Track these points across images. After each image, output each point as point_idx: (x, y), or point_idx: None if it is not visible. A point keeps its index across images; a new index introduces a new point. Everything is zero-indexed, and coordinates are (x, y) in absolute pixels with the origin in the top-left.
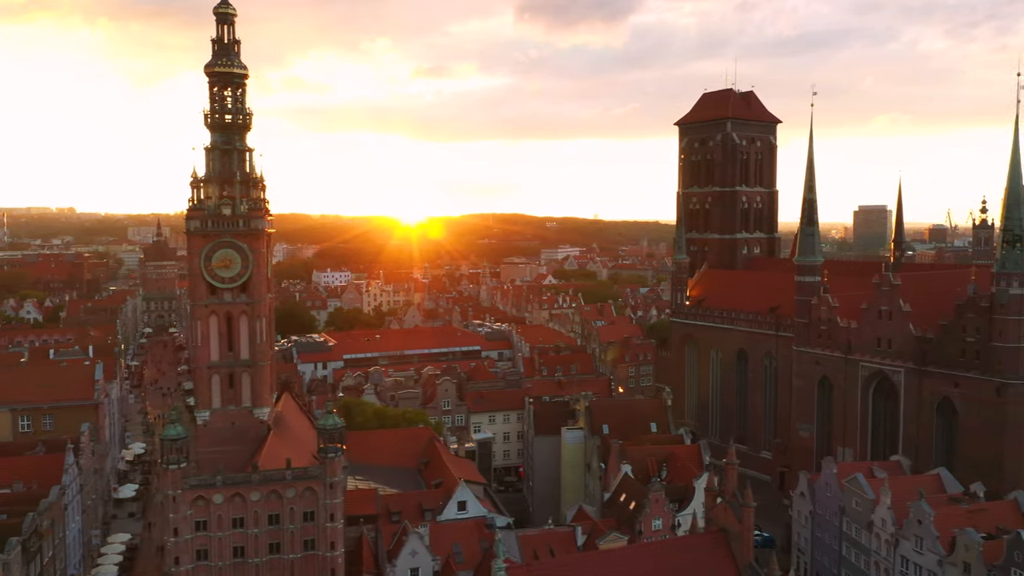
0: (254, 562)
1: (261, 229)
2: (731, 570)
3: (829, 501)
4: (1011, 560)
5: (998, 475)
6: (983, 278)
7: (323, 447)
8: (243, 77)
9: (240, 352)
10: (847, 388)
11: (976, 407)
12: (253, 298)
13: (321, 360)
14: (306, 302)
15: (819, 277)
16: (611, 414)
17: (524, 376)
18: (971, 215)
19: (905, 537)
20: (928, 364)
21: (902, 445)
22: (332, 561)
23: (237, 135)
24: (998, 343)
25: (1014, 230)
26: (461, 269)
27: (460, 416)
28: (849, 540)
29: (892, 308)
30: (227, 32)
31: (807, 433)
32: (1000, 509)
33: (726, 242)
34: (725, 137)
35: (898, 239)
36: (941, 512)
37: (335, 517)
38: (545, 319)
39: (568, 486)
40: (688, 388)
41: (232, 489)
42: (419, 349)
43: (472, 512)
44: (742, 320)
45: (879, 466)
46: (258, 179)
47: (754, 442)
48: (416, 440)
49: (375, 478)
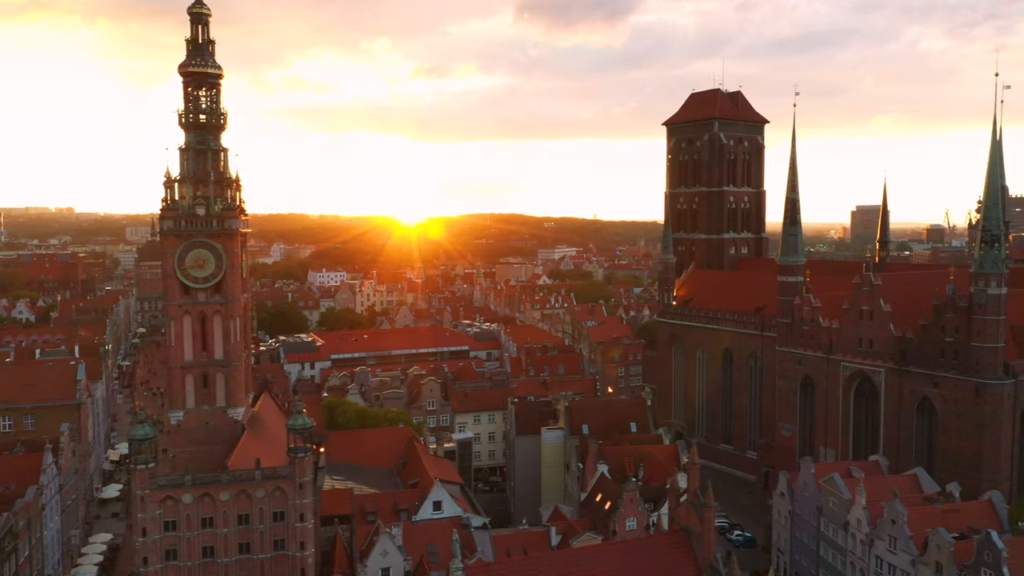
0: (224, 562)
1: (235, 229)
2: (692, 569)
3: (807, 501)
4: (981, 560)
5: (976, 474)
6: (962, 278)
7: (292, 447)
8: (217, 77)
9: (214, 352)
10: (829, 388)
11: (955, 407)
12: (227, 298)
13: (309, 360)
14: (298, 302)
15: (802, 277)
16: (591, 414)
17: (511, 376)
18: (969, 215)
19: (879, 537)
20: (908, 364)
21: (883, 445)
22: (302, 561)
23: (211, 135)
24: (976, 343)
25: (992, 230)
26: (456, 269)
27: (445, 416)
28: (826, 540)
29: (873, 308)
30: (201, 32)
31: (789, 433)
32: (974, 509)
33: (713, 242)
34: (712, 137)
35: (883, 239)
36: (915, 512)
37: (305, 517)
38: (537, 319)
39: (548, 486)
40: (675, 388)
41: (201, 489)
42: (407, 349)
43: (448, 512)
44: (728, 320)
45: (857, 466)
46: (232, 179)
47: (740, 442)
48: (396, 440)
49: (354, 478)
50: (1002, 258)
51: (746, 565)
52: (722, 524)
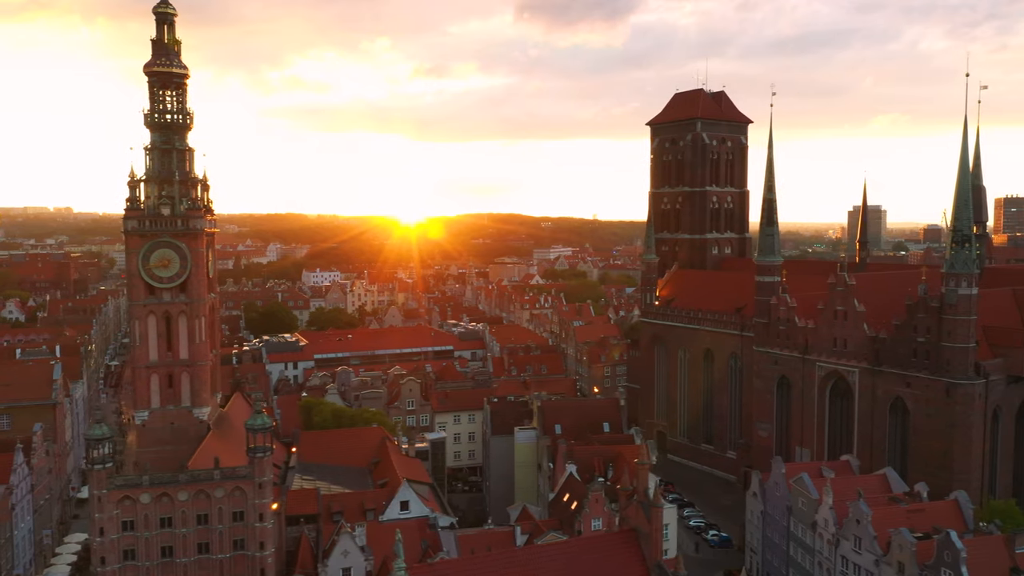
0: (182, 562)
1: (200, 229)
2: (640, 569)
3: (778, 501)
4: (941, 560)
5: (948, 474)
6: (934, 278)
7: (252, 447)
8: (183, 77)
9: (179, 352)
10: (804, 388)
11: (927, 407)
12: (192, 298)
13: (292, 360)
14: (288, 302)
15: (779, 277)
16: (564, 414)
17: (493, 376)
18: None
19: (845, 537)
20: (882, 364)
21: (857, 445)
22: (261, 561)
23: (177, 135)
24: (947, 343)
25: (963, 231)
26: (451, 269)
27: (425, 416)
28: (795, 540)
29: (847, 308)
30: (167, 32)
31: (766, 433)
32: (940, 509)
33: (696, 242)
34: (695, 137)
35: (863, 239)
36: (880, 512)
37: (264, 517)
38: (526, 319)
39: (520, 486)
40: (658, 388)
41: (159, 489)
42: (391, 349)
43: (415, 512)
44: (708, 320)
45: (828, 466)
46: (198, 179)
47: (720, 442)
48: (369, 440)
49: (324, 477)
50: (972, 258)
51: (721, 565)
52: (699, 524)
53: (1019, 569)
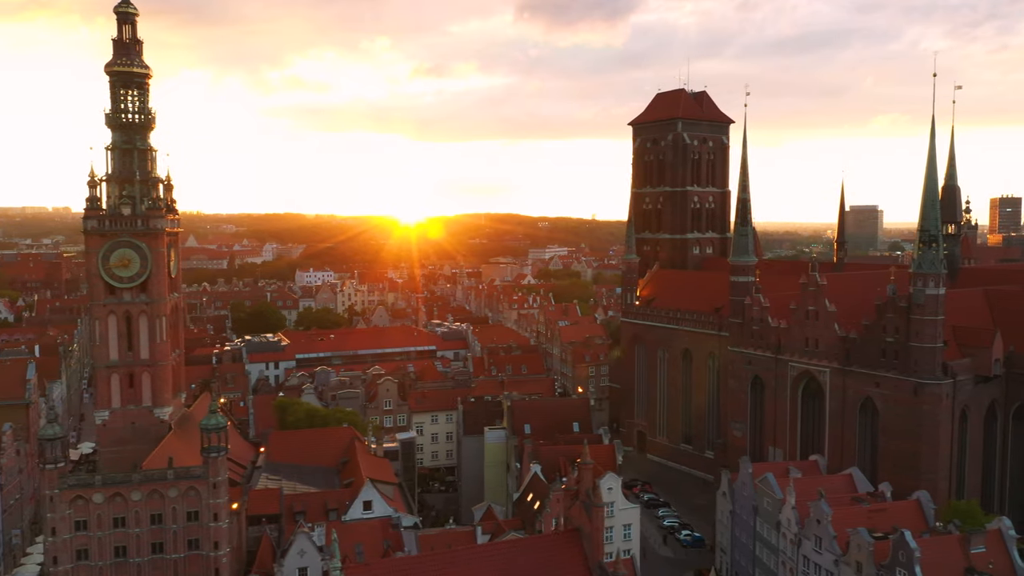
0: (136, 562)
1: (161, 229)
2: (582, 569)
3: (745, 501)
4: (896, 560)
5: (915, 474)
6: (903, 279)
7: (206, 447)
8: (144, 77)
9: (140, 352)
10: (777, 388)
11: (895, 407)
12: (153, 297)
13: (273, 360)
14: (277, 302)
15: (753, 277)
16: (533, 414)
17: (473, 376)
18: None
19: (807, 537)
20: (852, 364)
21: (828, 445)
22: (216, 560)
23: (138, 135)
24: (915, 343)
25: (930, 230)
26: (443, 269)
27: (402, 416)
28: (761, 540)
29: (819, 308)
30: (127, 31)
31: (740, 433)
32: (902, 509)
33: (677, 242)
34: (676, 137)
35: (840, 240)
36: (841, 512)
37: (219, 517)
38: (514, 319)
39: (490, 485)
40: (638, 388)
41: (112, 489)
42: (373, 349)
43: (378, 512)
44: (687, 320)
45: (796, 466)
46: (159, 179)
47: (699, 442)
48: (339, 440)
49: (292, 477)
50: (939, 258)
51: (692, 564)
52: (673, 524)
53: (974, 569)
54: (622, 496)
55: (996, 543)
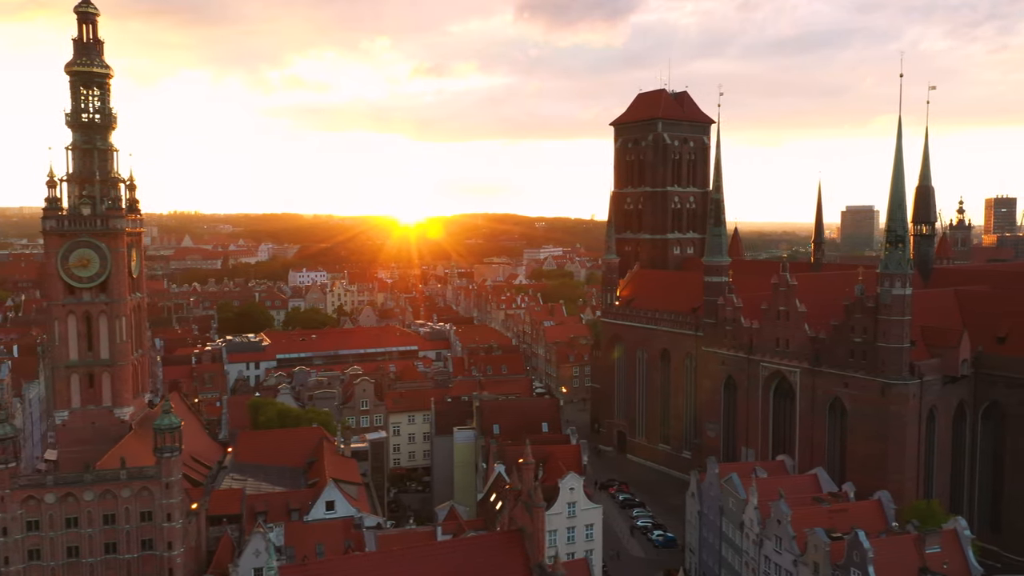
0: (89, 562)
1: (121, 229)
2: (523, 569)
3: (712, 501)
4: (850, 560)
5: (883, 474)
6: (871, 279)
7: (158, 447)
8: (105, 77)
9: (100, 352)
10: (749, 388)
11: (863, 407)
12: (113, 297)
13: (253, 360)
14: (265, 302)
15: (726, 277)
16: (503, 414)
17: (453, 376)
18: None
19: (768, 537)
20: (821, 364)
21: (798, 445)
22: (170, 561)
23: (99, 135)
24: (882, 344)
25: (897, 231)
26: (436, 269)
27: (379, 416)
28: (726, 540)
29: (789, 308)
30: (88, 31)
31: (714, 433)
32: (864, 509)
33: (658, 242)
34: (656, 137)
35: (817, 240)
36: (802, 512)
37: (172, 517)
38: (501, 319)
39: (460, 485)
40: (618, 388)
41: (64, 489)
42: (355, 349)
43: (340, 512)
44: (665, 320)
45: (763, 466)
46: (120, 179)
47: (676, 442)
48: (307, 440)
49: (258, 477)
50: (906, 259)
51: (663, 564)
52: (646, 524)
53: (928, 569)
54: (584, 496)
55: (952, 543)
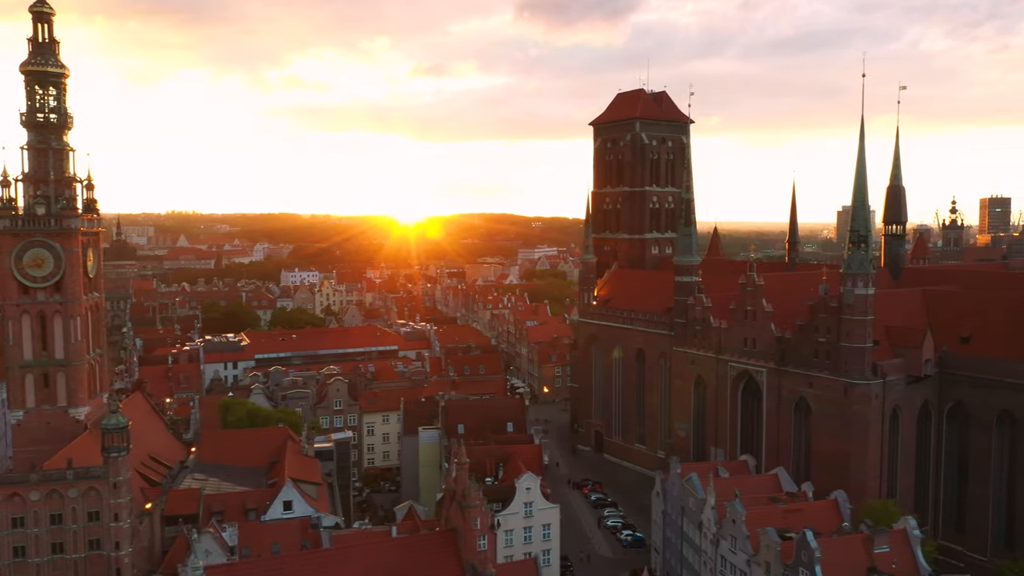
0: (35, 562)
1: (75, 229)
2: (455, 568)
3: (675, 501)
4: (799, 560)
5: (845, 474)
6: (836, 279)
7: (106, 447)
8: (60, 76)
9: (55, 352)
10: (719, 388)
11: (826, 407)
12: (67, 297)
13: (232, 360)
14: (252, 302)
15: (696, 277)
16: (468, 414)
17: (429, 376)
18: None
19: (724, 537)
20: (787, 364)
21: (765, 444)
22: (117, 560)
23: (54, 134)
24: (845, 343)
25: (859, 231)
26: (429, 269)
27: (352, 416)
28: (687, 539)
29: (756, 308)
30: (43, 31)
31: (684, 433)
32: (819, 509)
33: (635, 242)
34: (634, 137)
35: (792, 240)
36: (757, 512)
37: (120, 517)
38: (487, 319)
39: (425, 485)
40: (595, 388)
41: (9, 489)
42: (335, 349)
43: (298, 512)
44: (640, 320)
45: (725, 466)
46: (74, 179)
47: (651, 442)
48: (271, 440)
49: (220, 477)
50: (869, 259)
51: (631, 564)
52: (616, 524)
53: (876, 569)
54: (541, 496)
55: (901, 543)
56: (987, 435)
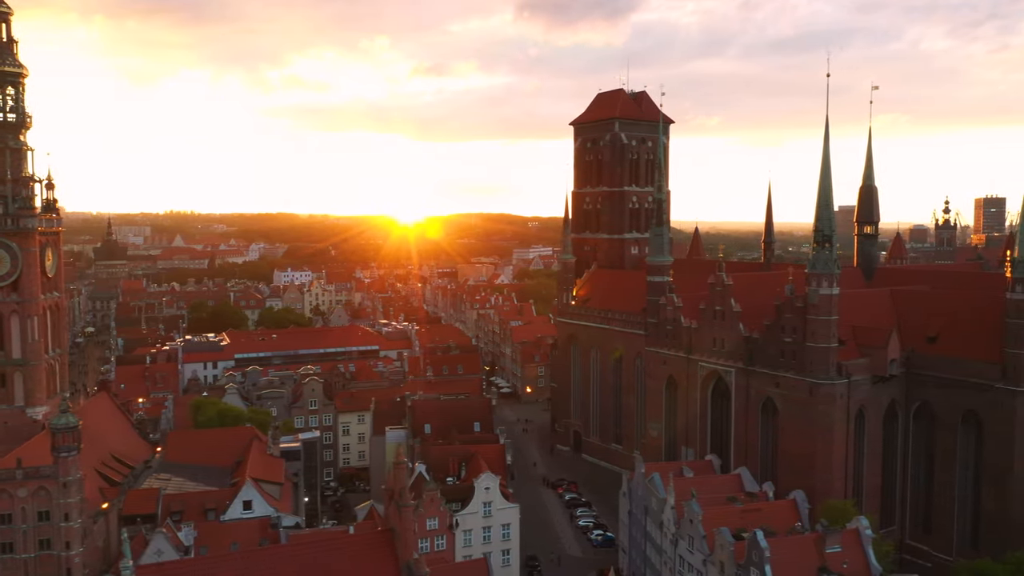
0: None
1: (32, 228)
2: (392, 568)
3: (639, 500)
4: (750, 560)
5: (811, 474)
6: (800, 279)
7: (56, 447)
8: (18, 76)
9: (11, 351)
10: (689, 388)
11: (792, 407)
12: (24, 297)
13: (211, 359)
14: (240, 301)
15: (668, 277)
16: (435, 414)
17: (408, 376)
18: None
19: (682, 536)
20: (755, 364)
21: (733, 445)
22: (68, 560)
23: (11, 134)
24: (811, 343)
25: (823, 230)
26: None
27: (328, 416)
28: (650, 539)
29: (725, 308)
30: (2, 30)
31: (656, 433)
32: (778, 509)
33: (615, 242)
34: (614, 137)
35: (768, 240)
36: (714, 512)
37: (70, 516)
38: (474, 319)
39: None
40: (573, 388)
41: None
42: (316, 349)
43: (258, 511)
44: (617, 320)
45: (690, 465)
46: (33, 178)
47: (628, 442)
48: (238, 440)
49: (184, 476)
50: (833, 258)
51: (598, 564)
52: (587, 524)
53: (827, 568)
54: (501, 496)
55: (853, 543)
56: (952, 435)
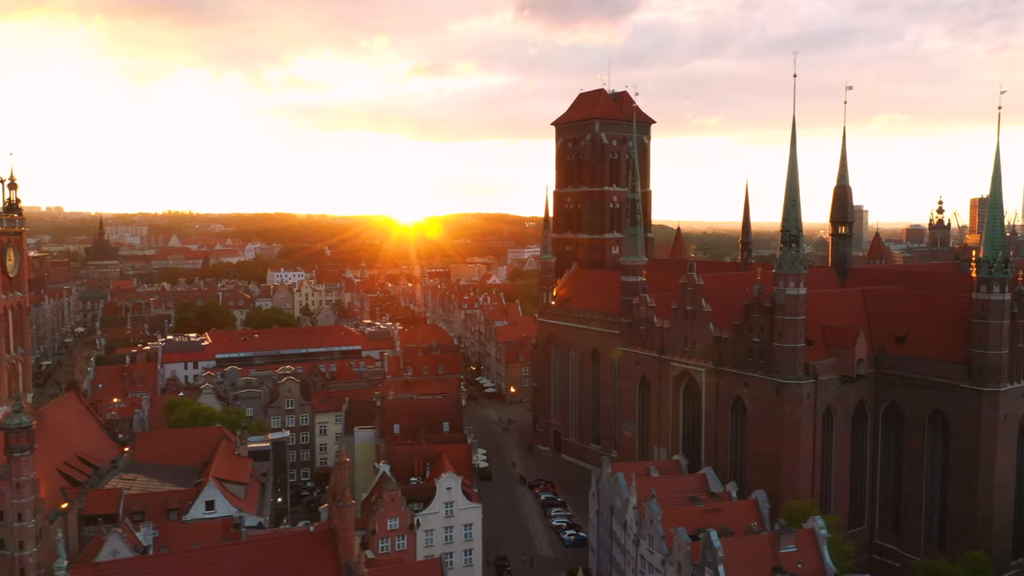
0: None
1: None
2: (332, 568)
3: (606, 500)
4: (704, 560)
5: (779, 474)
6: (769, 279)
7: (8, 447)
8: None
9: None
10: (661, 388)
11: (760, 407)
12: None
13: (192, 359)
14: (229, 302)
15: (641, 277)
16: (404, 414)
17: (388, 375)
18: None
19: (643, 536)
20: (724, 364)
21: (704, 445)
22: (21, 560)
23: None
24: (778, 343)
25: (790, 231)
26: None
27: (304, 416)
28: (615, 539)
29: (695, 308)
30: None
31: (630, 433)
32: (739, 509)
33: (595, 242)
34: (594, 137)
35: (745, 240)
36: (674, 512)
37: (24, 516)
38: (461, 319)
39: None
40: (553, 388)
41: None
42: (298, 348)
43: (221, 512)
44: (595, 320)
45: (656, 465)
46: None
47: (606, 442)
48: (207, 440)
49: (151, 476)
50: (800, 258)
51: (569, 564)
52: (561, 523)
53: (781, 568)
54: (463, 496)
55: (808, 543)
56: (920, 435)
